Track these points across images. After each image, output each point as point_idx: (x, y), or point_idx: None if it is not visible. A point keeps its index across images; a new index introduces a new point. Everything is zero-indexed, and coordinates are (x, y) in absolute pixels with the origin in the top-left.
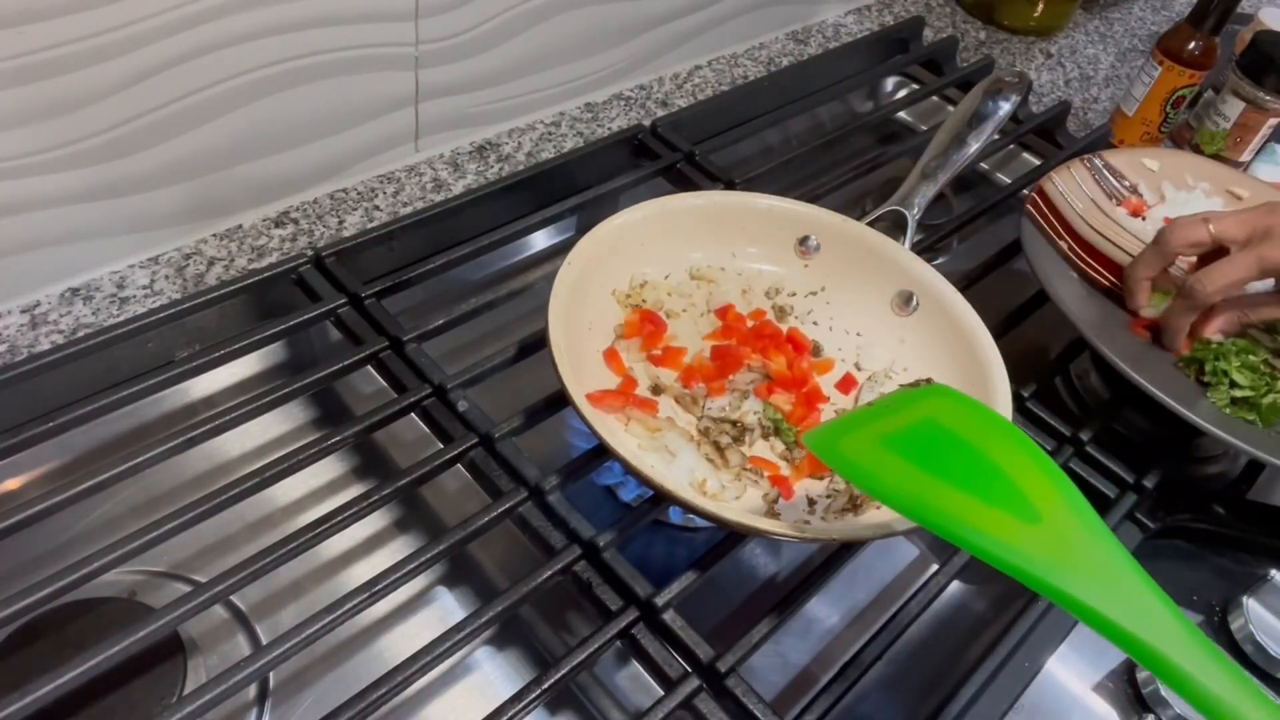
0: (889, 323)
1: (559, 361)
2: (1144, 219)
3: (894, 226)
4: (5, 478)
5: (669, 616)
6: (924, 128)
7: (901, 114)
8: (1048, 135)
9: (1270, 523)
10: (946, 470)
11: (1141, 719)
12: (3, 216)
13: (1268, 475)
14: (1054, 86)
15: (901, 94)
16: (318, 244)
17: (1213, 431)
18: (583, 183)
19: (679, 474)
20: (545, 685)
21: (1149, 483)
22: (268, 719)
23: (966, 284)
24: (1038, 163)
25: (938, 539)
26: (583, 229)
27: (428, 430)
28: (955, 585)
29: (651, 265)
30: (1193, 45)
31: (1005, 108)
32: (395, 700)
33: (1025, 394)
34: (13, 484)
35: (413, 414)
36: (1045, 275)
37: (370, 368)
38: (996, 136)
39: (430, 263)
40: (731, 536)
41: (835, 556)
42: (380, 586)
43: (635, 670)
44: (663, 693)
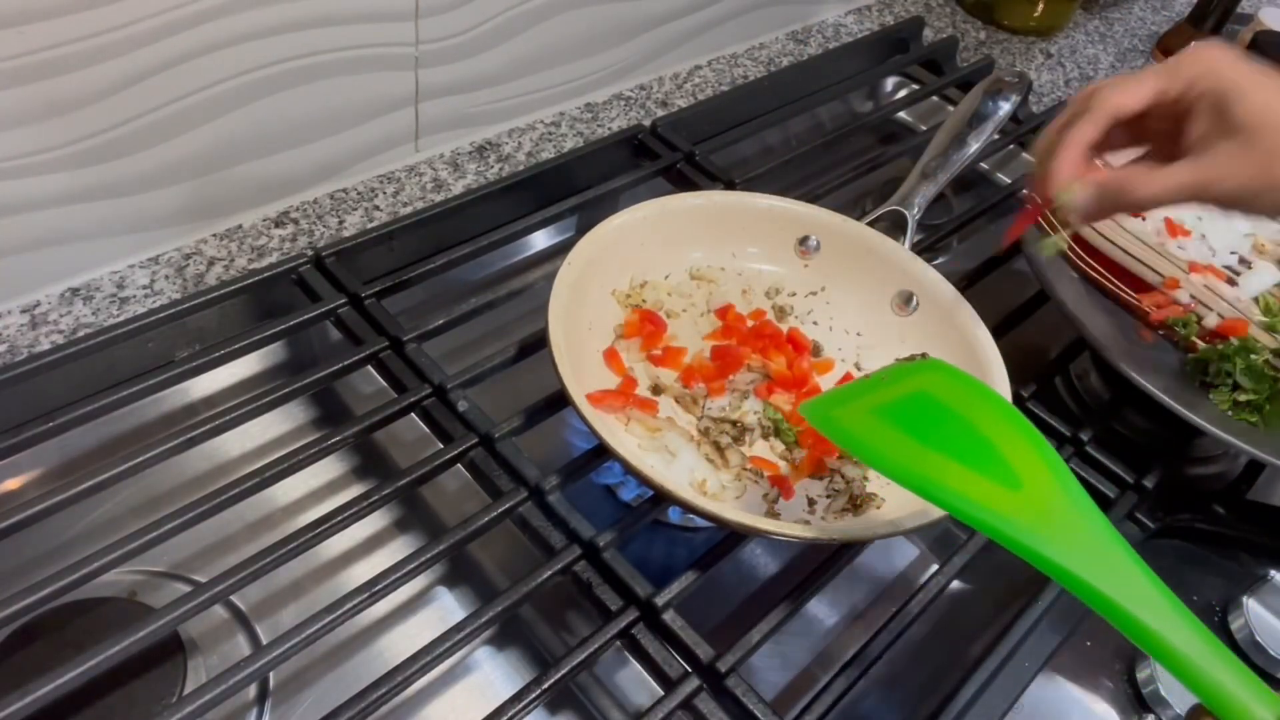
0: (889, 323)
1: (559, 361)
2: (1144, 219)
3: (894, 226)
4: (5, 478)
5: (669, 616)
6: (924, 128)
7: (901, 114)
8: None
9: (1270, 523)
10: (935, 438)
11: (1141, 719)
12: (3, 216)
13: (1268, 475)
14: (1054, 86)
15: (901, 94)
16: (318, 244)
17: (1216, 434)
18: (583, 183)
19: (679, 474)
20: (545, 685)
21: (1149, 483)
22: (268, 719)
23: (966, 284)
24: None
25: (938, 539)
26: (583, 229)
27: (428, 430)
28: (955, 585)
29: (651, 265)
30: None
31: (1005, 108)
32: (395, 700)
33: (1025, 394)
34: (13, 484)
35: (413, 414)
36: (1045, 275)
37: (370, 368)
38: (996, 136)
39: (430, 263)
40: (731, 536)
41: (835, 556)
42: (380, 586)
43: (635, 670)
44: (663, 693)
